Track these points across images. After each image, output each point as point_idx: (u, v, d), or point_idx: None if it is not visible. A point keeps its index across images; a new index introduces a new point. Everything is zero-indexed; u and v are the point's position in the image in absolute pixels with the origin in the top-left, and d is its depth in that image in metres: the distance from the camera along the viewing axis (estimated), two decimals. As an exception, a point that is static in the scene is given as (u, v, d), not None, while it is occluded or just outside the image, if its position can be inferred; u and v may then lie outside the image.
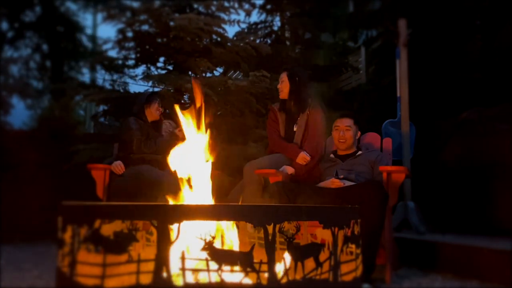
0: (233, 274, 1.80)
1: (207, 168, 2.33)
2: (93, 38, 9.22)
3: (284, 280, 1.84)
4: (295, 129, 3.41)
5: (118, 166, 3.28)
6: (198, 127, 2.43)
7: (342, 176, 2.90)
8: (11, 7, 7.78)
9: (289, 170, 3.23)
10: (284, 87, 3.44)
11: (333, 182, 2.88)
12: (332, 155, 3.20)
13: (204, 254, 1.80)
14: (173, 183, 2.33)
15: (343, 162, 3.09)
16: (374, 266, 2.59)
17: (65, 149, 4.77)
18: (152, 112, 3.56)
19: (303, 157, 3.25)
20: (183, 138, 3.37)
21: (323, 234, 1.98)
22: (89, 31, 9.31)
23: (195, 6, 5.30)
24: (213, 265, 1.81)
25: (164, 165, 3.29)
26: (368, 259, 2.43)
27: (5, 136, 5.42)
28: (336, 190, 2.81)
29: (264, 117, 4.87)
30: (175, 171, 2.34)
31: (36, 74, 8.73)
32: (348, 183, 2.85)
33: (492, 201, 3.83)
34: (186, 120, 2.44)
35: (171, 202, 2.24)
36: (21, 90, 8.24)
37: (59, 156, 4.81)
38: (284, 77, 3.44)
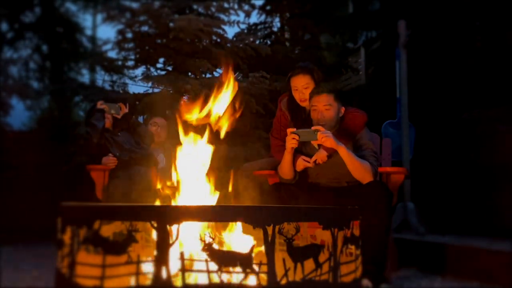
0: (233, 275, 1.80)
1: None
2: (92, 39, 9.21)
3: (283, 281, 1.84)
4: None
5: (109, 160, 3.29)
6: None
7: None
8: (11, 8, 7.78)
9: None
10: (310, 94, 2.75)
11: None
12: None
13: (204, 255, 1.80)
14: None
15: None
16: (386, 266, 2.49)
17: (64, 149, 4.76)
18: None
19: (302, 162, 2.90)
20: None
21: (323, 235, 1.98)
22: (88, 32, 9.29)
23: (195, 7, 5.31)
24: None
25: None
26: (380, 260, 2.39)
27: (4, 137, 5.42)
28: (337, 190, 2.75)
29: (264, 118, 4.87)
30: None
31: (35, 75, 8.71)
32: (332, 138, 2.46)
33: (492, 202, 3.82)
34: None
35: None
36: (20, 91, 8.22)
37: (59, 156, 4.81)
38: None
